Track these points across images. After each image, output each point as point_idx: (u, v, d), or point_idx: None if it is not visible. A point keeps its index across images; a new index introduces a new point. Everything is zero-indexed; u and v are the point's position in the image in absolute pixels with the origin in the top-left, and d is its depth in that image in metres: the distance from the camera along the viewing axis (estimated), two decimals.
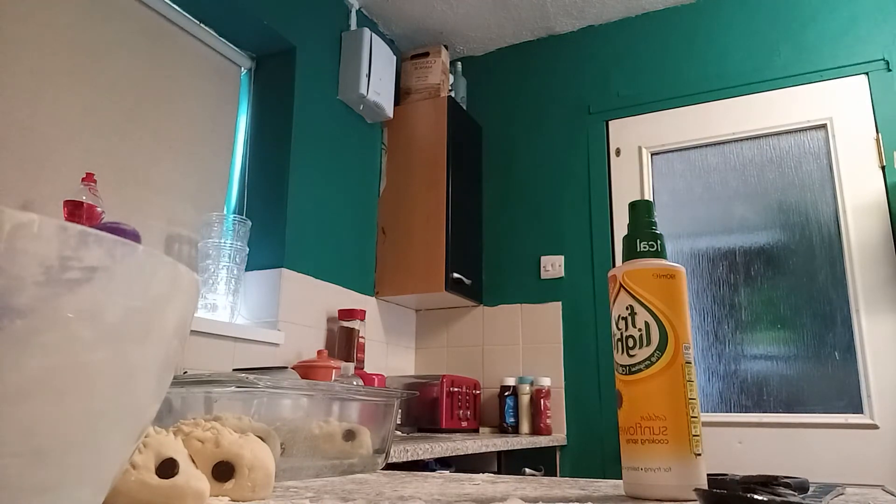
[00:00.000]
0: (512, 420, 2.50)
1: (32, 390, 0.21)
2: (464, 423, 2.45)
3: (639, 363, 0.52)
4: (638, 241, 0.56)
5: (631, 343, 0.53)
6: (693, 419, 0.50)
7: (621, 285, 0.55)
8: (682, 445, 0.49)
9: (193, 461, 0.41)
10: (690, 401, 0.51)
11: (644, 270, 0.54)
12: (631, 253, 0.56)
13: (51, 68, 1.69)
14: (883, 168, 2.28)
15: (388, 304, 2.69)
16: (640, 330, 0.52)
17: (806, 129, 2.43)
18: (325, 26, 2.54)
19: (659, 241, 0.56)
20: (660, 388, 0.50)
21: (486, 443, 1.93)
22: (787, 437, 2.19)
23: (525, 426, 2.49)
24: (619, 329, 0.55)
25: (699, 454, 0.49)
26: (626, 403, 0.52)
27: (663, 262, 0.54)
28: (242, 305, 2.12)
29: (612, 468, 2.41)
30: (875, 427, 2.13)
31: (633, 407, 0.51)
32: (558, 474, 2.48)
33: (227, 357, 1.92)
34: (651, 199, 0.72)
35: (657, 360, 0.51)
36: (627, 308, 0.54)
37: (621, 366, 0.54)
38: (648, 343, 0.52)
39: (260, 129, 2.36)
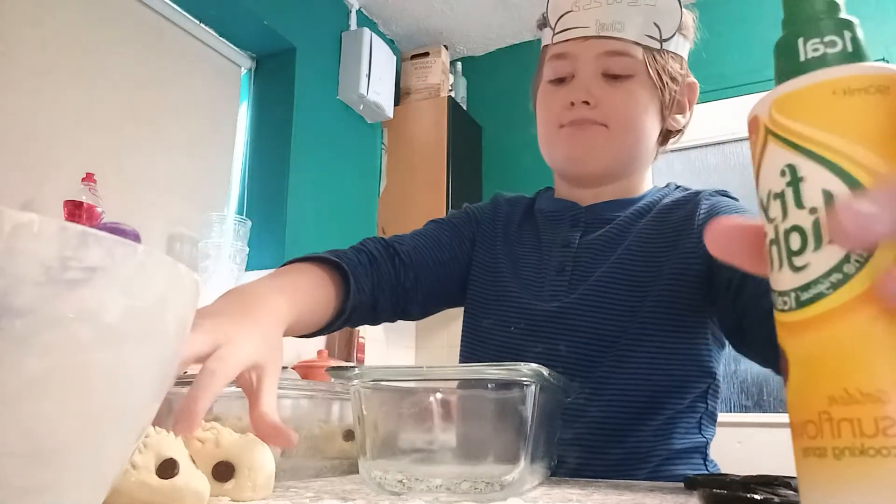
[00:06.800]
0: None
1: (32, 390, 0.21)
2: None
3: (818, 281, 0.26)
4: (801, 40, 0.29)
5: (797, 242, 0.27)
6: None
7: (768, 130, 0.29)
8: None
9: (193, 461, 0.41)
10: None
11: (816, 89, 0.27)
12: (789, 66, 0.29)
13: (51, 68, 1.69)
14: None
15: None
16: (813, 211, 0.26)
17: None
18: (325, 26, 2.54)
19: (848, 34, 0.28)
20: (872, 330, 0.25)
21: None
22: (787, 437, 2.18)
23: None
24: (770, 220, 0.28)
25: None
26: (797, 371, 0.28)
27: (859, 66, 0.27)
28: None
29: None
30: None
31: (812, 377, 0.27)
32: None
33: None
34: None
35: (862, 270, 0.25)
36: (785, 171, 0.28)
37: (782, 293, 0.28)
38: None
39: (260, 129, 2.36)
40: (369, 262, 0.76)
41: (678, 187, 0.85)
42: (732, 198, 0.81)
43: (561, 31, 0.77)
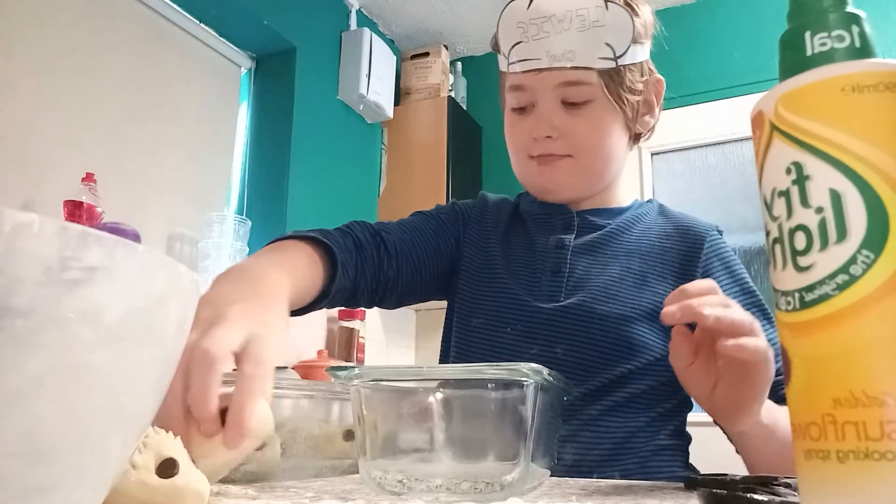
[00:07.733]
0: None
1: (32, 390, 0.21)
2: None
3: (824, 282, 0.25)
4: (808, 34, 0.29)
5: (802, 241, 0.27)
6: None
7: (774, 126, 0.28)
8: None
9: (193, 461, 0.41)
10: None
11: (824, 85, 0.27)
12: (795, 60, 0.29)
13: (51, 68, 1.69)
14: None
15: None
16: (819, 210, 0.26)
17: None
18: (325, 26, 2.54)
19: (856, 28, 0.30)
20: (879, 332, 0.24)
21: None
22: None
23: None
24: (774, 218, 0.28)
25: None
26: (800, 373, 0.27)
27: (869, 63, 0.27)
28: None
29: None
30: None
31: (817, 379, 0.26)
32: None
33: None
34: None
35: (868, 271, 0.24)
36: (791, 169, 0.27)
37: (785, 293, 0.27)
38: (843, 235, 0.25)
39: (260, 129, 2.36)
40: (355, 246, 0.77)
41: (661, 205, 0.89)
42: (719, 231, 0.84)
43: (514, 63, 0.77)
